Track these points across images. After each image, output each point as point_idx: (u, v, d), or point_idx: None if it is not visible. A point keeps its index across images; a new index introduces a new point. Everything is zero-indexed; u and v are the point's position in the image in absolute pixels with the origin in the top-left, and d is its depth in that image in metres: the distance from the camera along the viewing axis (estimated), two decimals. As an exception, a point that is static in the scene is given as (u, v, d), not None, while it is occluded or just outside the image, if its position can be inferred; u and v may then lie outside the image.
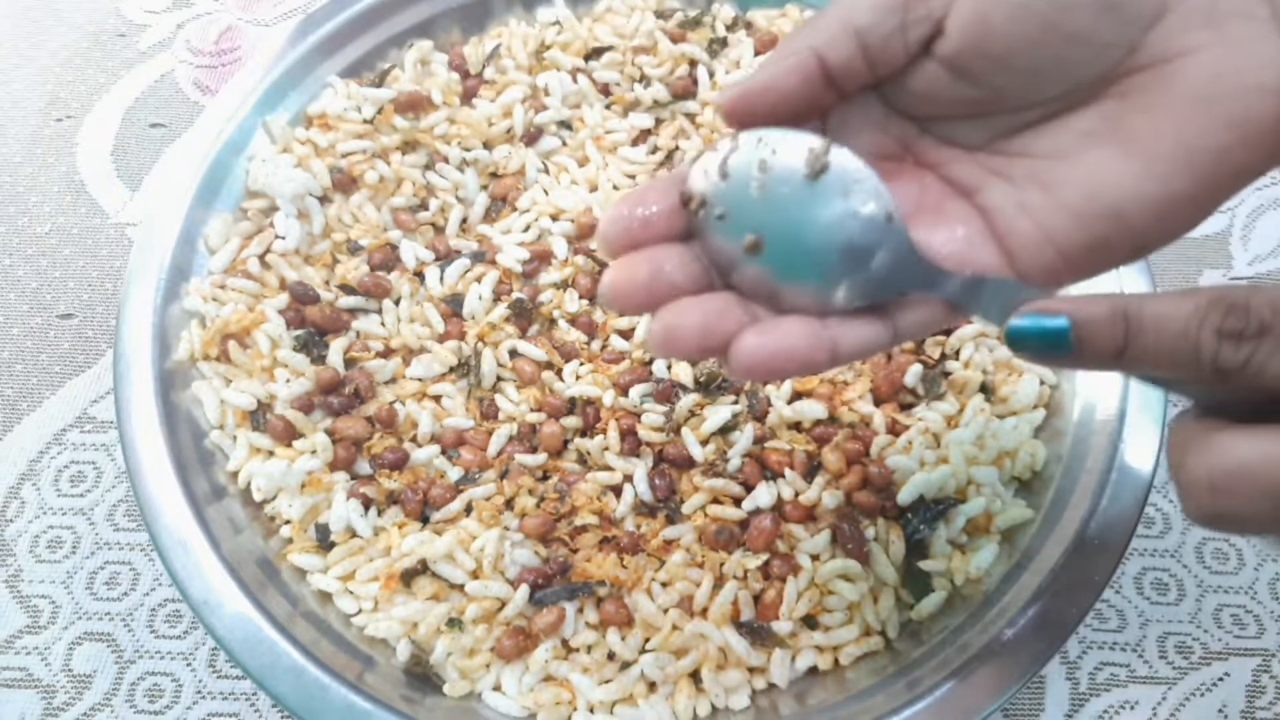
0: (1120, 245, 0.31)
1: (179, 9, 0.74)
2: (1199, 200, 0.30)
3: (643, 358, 0.54)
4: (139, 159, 0.67)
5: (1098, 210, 0.30)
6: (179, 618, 0.52)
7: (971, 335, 0.53)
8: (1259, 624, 0.51)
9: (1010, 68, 0.31)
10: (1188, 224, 0.31)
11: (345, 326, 0.55)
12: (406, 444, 0.52)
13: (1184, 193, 0.30)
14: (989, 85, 0.32)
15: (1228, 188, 0.30)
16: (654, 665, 0.46)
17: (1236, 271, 0.61)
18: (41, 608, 0.52)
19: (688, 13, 0.66)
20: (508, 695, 0.46)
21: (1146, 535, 0.53)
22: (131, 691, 0.50)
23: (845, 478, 0.49)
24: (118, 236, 0.64)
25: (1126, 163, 0.30)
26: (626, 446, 0.51)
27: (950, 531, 0.48)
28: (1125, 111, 0.31)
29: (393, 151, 0.60)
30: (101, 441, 0.57)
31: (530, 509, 0.50)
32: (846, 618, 0.48)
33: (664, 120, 0.63)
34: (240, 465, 0.51)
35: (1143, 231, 0.30)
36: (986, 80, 0.32)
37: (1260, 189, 0.64)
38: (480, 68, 0.64)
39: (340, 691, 0.44)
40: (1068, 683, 0.50)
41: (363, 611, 0.48)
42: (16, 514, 0.55)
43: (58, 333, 0.61)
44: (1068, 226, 0.31)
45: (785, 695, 0.47)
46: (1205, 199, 0.30)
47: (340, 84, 0.62)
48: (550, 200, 0.60)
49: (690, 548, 0.49)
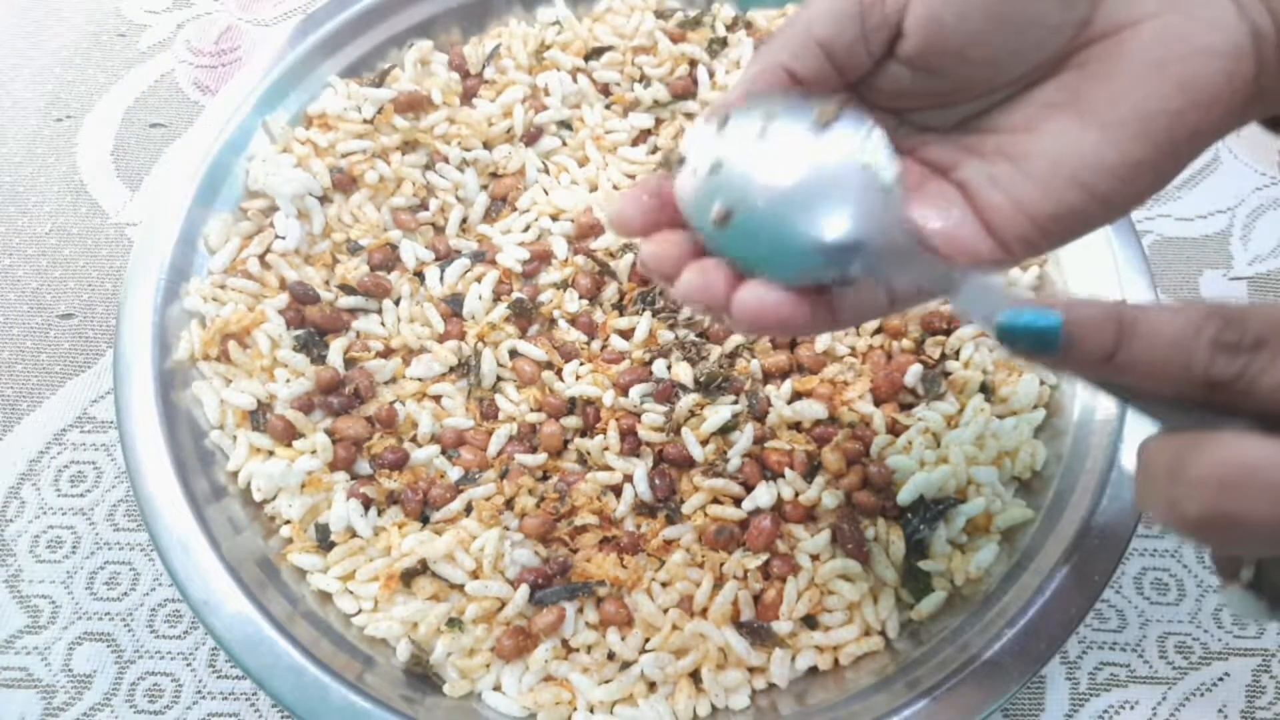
0: (1090, 210, 0.32)
1: (179, 9, 0.74)
2: (1158, 164, 0.31)
3: (643, 358, 0.54)
4: (139, 159, 0.67)
5: (1062, 179, 0.31)
6: (179, 618, 0.52)
7: (971, 335, 0.53)
8: (1259, 624, 0.51)
9: (969, 60, 0.32)
10: (1153, 185, 0.32)
11: (345, 326, 0.55)
12: (406, 444, 0.52)
13: (1143, 157, 0.30)
14: (953, 77, 0.33)
15: (1186, 150, 0.31)
16: (654, 665, 0.46)
17: (1236, 271, 0.61)
18: (41, 608, 0.52)
19: (688, 13, 0.66)
20: (508, 695, 0.46)
21: (1146, 535, 0.53)
22: (131, 691, 0.50)
23: (845, 478, 0.49)
24: (118, 236, 0.64)
25: (1085, 131, 0.31)
26: (626, 446, 0.51)
27: (950, 531, 0.48)
28: (1083, 81, 0.32)
29: (393, 151, 0.60)
30: (101, 441, 0.57)
31: (530, 509, 0.50)
32: (846, 618, 0.48)
33: (664, 120, 0.63)
34: (240, 465, 0.51)
35: (1107, 196, 0.31)
36: (949, 73, 0.33)
37: (1260, 189, 0.64)
38: (480, 68, 0.64)
39: (340, 691, 0.44)
40: (1068, 683, 0.50)
41: (363, 611, 0.48)
42: (16, 514, 0.55)
43: (58, 333, 0.61)
44: (1036, 196, 0.32)
45: (785, 695, 0.47)
46: (1164, 163, 0.31)
47: (340, 84, 0.62)
48: (550, 200, 0.60)
49: (690, 548, 0.49)
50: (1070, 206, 0.31)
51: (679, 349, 0.54)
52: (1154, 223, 0.63)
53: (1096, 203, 0.31)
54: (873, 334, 0.55)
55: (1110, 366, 0.27)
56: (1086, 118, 0.31)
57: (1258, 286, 0.61)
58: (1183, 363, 0.26)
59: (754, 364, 0.53)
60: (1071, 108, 0.32)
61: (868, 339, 0.54)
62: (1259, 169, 0.65)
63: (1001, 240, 0.32)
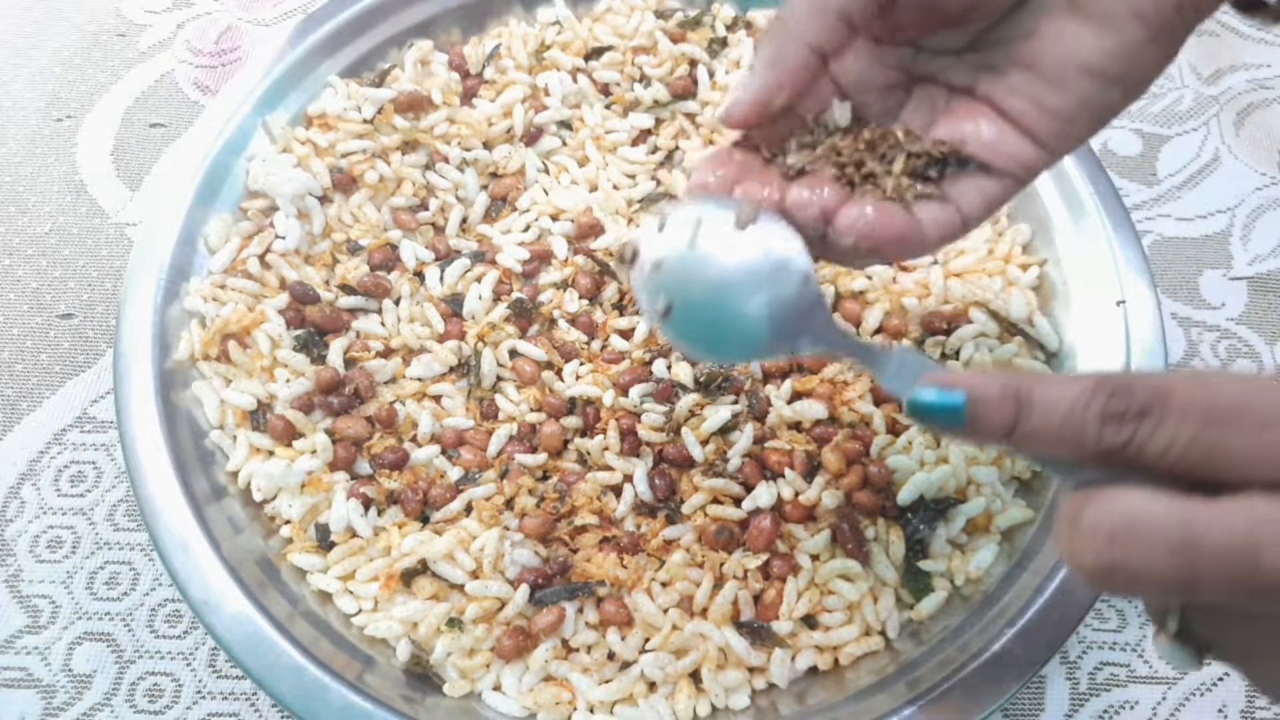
0: (1108, 94, 0.34)
1: (179, 9, 0.74)
2: (1156, 38, 0.33)
3: (643, 358, 0.54)
4: (139, 159, 0.67)
5: (1074, 72, 0.34)
6: (179, 618, 0.52)
7: (971, 335, 0.53)
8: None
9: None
10: (1160, 60, 0.34)
11: (345, 326, 0.55)
12: (406, 444, 0.52)
13: (1140, 36, 0.33)
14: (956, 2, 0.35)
15: (1178, 22, 0.33)
16: (654, 665, 0.46)
17: (1236, 271, 0.61)
18: (41, 608, 0.52)
19: (688, 13, 0.66)
20: (508, 695, 0.46)
21: (1146, 535, 0.53)
22: (131, 691, 0.50)
23: (845, 478, 0.49)
24: (118, 236, 0.64)
25: (1083, 25, 0.33)
26: (626, 446, 0.51)
27: (950, 531, 0.48)
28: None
29: (393, 151, 0.60)
30: (101, 441, 0.57)
31: (530, 509, 0.50)
32: (846, 618, 0.48)
33: (664, 120, 0.63)
34: (240, 465, 0.51)
35: (1122, 77, 0.34)
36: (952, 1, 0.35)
37: (1260, 189, 0.64)
38: (480, 68, 0.64)
39: (340, 691, 0.44)
40: (1068, 683, 0.50)
41: (363, 611, 0.48)
42: (16, 514, 0.55)
43: (58, 333, 0.61)
44: (1055, 94, 0.34)
45: (785, 695, 0.47)
46: (1162, 35, 0.33)
47: (340, 84, 0.62)
48: (550, 200, 0.60)
49: (690, 548, 0.49)
50: (1088, 95, 0.34)
51: (679, 349, 0.54)
52: (1154, 223, 0.63)
53: (1112, 86, 0.34)
54: (873, 334, 0.55)
55: (1012, 440, 0.29)
56: (1081, 13, 0.33)
57: (1258, 286, 0.61)
58: (1076, 434, 0.28)
59: (754, 364, 0.53)
60: (1065, 7, 0.34)
61: (868, 339, 0.54)
62: (1259, 169, 0.65)
63: (1040, 142, 0.35)
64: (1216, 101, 0.68)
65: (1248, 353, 0.59)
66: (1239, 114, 0.67)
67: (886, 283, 0.56)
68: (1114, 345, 0.52)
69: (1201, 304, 0.60)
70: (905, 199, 0.35)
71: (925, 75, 0.38)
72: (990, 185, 0.35)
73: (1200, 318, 0.60)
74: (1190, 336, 0.59)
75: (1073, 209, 0.56)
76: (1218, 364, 0.58)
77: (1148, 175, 0.65)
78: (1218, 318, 0.60)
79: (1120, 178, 0.65)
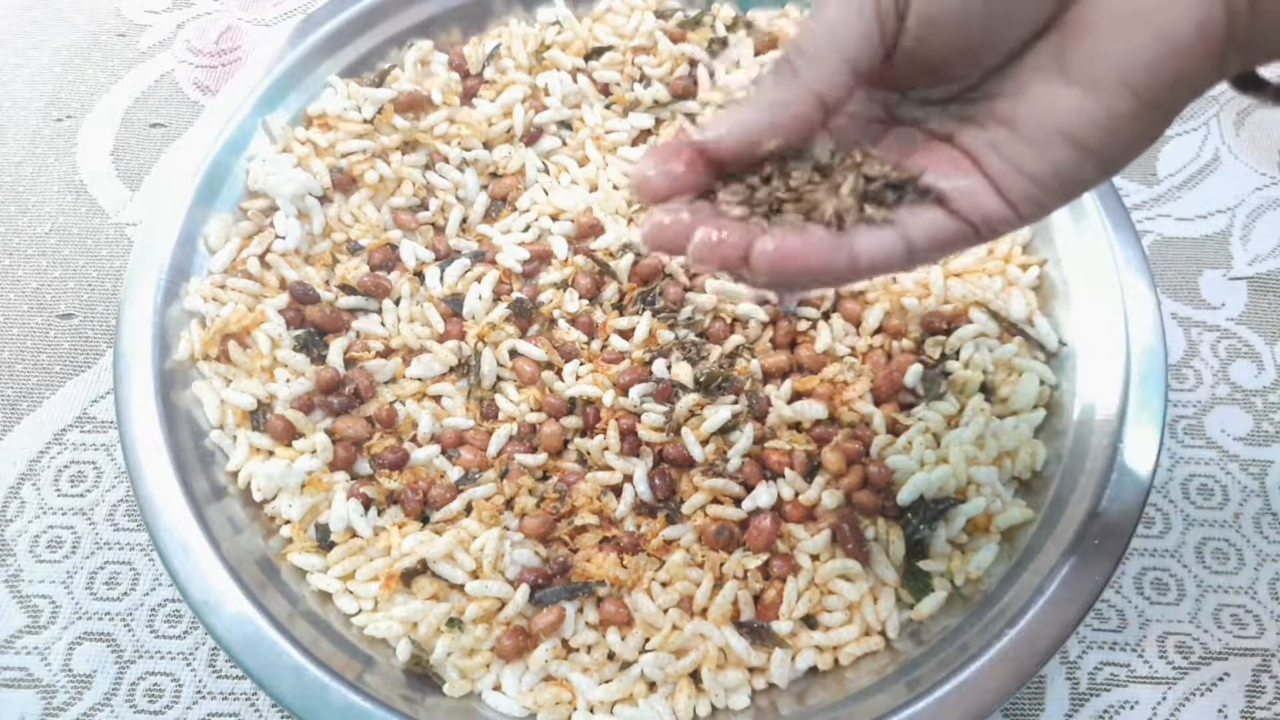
0: (1084, 165, 0.33)
1: (179, 9, 0.74)
2: (1142, 114, 0.32)
3: (643, 358, 0.54)
4: (139, 159, 0.67)
5: (1052, 138, 0.33)
6: (179, 618, 0.52)
7: (971, 335, 0.53)
8: (1259, 624, 0.51)
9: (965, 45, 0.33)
10: (1143, 138, 0.33)
11: (345, 326, 0.55)
12: (406, 444, 0.52)
13: (1126, 109, 0.31)
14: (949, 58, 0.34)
15: (1168, 100, 0.32)
16: (654, 665, 0.46)
17: (1236, 271, 0.61)
18: (41, 608, 0.52)
19: (688, 13, 0.66)
20: (508, 695, 0.46)
21: (1146, 535, 0.53)
22: (131, 691, 0.50)
23: (845, 478, 0.49)
24: (118, 236, 0.64)
25: (1069, 89, 0.32)
26: (626, 446, 0.51)
27: (950, 531, 0.48)
28: (1064, 41, 0.33)
29: (393, 151, 0.60)
30: (101, 441, 0.57)
31: (530, 509, 0.50)
32: (846, 618, 0.48)
33: (664, 120, 0.63)
34: (240, 465, 0.51)
35: (1099, 150, 0.32)
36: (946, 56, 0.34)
37: (1260, 189, 0.64)
38: (480, 68, 0.64)
39: (340, 691, 0.44)
40: (1068, 683, 0.50)
41: (363, 611, 0.48)
42: (16, 514, 0.55)
43: (58, 333, 0.61)
44: (1031, 156, 0.33)
45: (785, 695, 0.47)
46: (1148, 113, 0.32)
47: (340, 84, 0.62)
48: (550, 200, 0.60)
49: (690, 548, 0.49)
50: (1063, 163, 0.33)
51: (679, 349, 0.54)
52: (1154, 223, 0.63)
53: (1088, 157, 0.32)
54: (873, 334, 0.55)
55: None
56: (1070, 75, 0.32)
57: (1257, 286, 0.61)
58: None
59: (754, 364, 0.53)
60: (1055, 68, 0.33)
61: (868, 339, 0.54)
62: (1259, 169, 0.65)
63: (1010, 201, 0.34)
64: (1216, 101, 0.68)
65: (1248, 353, 0.59)
66: (1239, 114, 0.67)
67: (886, 283, 0.56)
68: (1114, 345, 0.52)
69: (1201, 304, 0.60)
70: (844, 223, 0.33)
71: (908, 121, 0.37)
72: (945, 222, 0.34)
73: (1200, 318, 0.60)
74: (1190, 336, 0.59)
75: (1073, 209, 0.56)
76: (1218, 364, 0.58)
77: (1148, 175, 0.65)
78: (1218, 318, 0.60)
79: (1120, 178, 0.65)
